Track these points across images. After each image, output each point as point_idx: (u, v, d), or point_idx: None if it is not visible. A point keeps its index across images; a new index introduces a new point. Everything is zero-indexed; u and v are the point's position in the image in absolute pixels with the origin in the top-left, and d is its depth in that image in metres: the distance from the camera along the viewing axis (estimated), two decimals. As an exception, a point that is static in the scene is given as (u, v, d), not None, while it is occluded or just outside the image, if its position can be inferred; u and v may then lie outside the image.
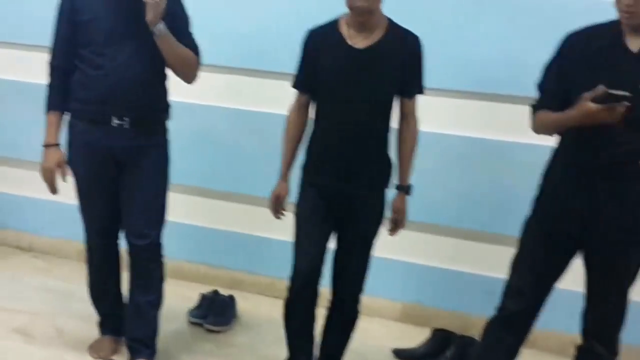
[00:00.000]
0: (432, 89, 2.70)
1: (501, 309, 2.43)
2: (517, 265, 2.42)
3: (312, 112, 2.58)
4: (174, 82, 2.69)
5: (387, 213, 2.61)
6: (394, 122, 2.56)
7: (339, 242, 2.62)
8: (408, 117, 2.55)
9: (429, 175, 3.17)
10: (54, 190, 2.65)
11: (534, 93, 2.39)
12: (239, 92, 3.49)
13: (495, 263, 3.02)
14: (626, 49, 2.16)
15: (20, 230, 3.98)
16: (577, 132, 2.19)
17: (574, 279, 2.41)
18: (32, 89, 3.64)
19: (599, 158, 2.18)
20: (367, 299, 2.75)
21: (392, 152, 2.59)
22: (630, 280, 2.30)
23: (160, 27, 2.45)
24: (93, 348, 2.90)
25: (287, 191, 2.65)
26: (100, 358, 2.86)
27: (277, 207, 2.65)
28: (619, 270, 2.28)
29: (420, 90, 2.54)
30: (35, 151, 3.66)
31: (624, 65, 2.16)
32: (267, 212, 2.69)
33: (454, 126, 3.26)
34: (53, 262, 3.86)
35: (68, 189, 2.70)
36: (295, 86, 2.60)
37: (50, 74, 2.63)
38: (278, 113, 2.84)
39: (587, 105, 2.06)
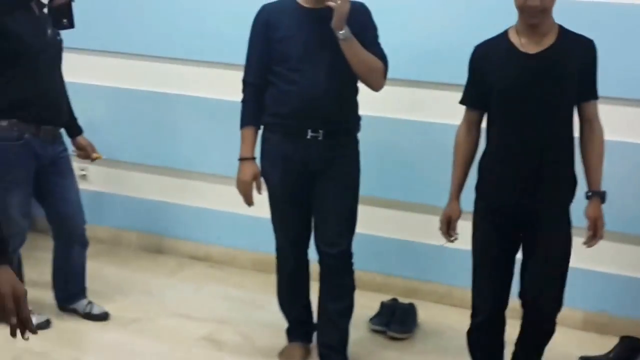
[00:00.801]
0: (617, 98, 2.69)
1: None
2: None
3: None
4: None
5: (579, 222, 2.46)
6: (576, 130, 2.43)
7: (528, 257, 2.45)
8: (592, 122, 2.39)
9: (616, 182, 3.00)
10: (250, 202, 2.72)
11: None
12: (420, 104, 3.46)
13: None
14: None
15: (197, 240, 4.13)
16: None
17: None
18: (210, 104, 3.84)
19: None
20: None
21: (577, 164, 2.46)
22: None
23: (345, 32, 2.47)
24: (284, 354, 2.94)
25: (458, 213, 2.54)
26: (293, 364, 2.89)
27: (448, 229, 2.56)
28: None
29: (595, 95, 2.39)
30: (212, 165, 3.89)
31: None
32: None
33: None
34: (230, 271, 3.97)
35: (240, 200, 2.75)
36: (463, 102, 2.51)
37: (244, 90, 2.72)
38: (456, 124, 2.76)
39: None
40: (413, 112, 3.46)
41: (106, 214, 4.22)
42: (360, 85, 2.68)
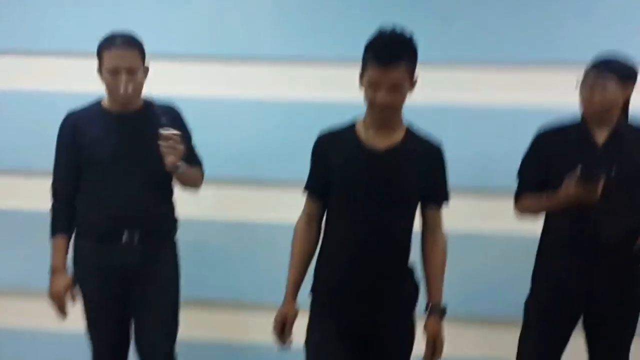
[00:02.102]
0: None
1: None
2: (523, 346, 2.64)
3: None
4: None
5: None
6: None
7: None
8: (435, 230, 2.30)
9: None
10: (64, 314, 2.61)
11: None
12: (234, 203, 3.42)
13: None
14: (593, 143, 2.46)
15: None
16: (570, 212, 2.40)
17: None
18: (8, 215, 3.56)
19: (598, 237, 2.42)
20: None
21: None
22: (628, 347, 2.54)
23: (182, 166, 2.49)
24: None
25: (295, 313, 2.32)
26: None
27: (283, 331, 2.32)
28: (619, 342, 2.54)
29: (439, 202, 2.31)
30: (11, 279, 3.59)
31: (592, 157, 2.43)
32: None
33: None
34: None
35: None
36: (307, 189, 2.33)
37: (53, 196, 2.63)
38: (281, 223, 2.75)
39: (568, 186, 2.33)
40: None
41: None
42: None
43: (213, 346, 3.51)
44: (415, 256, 2.35)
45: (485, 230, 3.21)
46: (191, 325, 3.43)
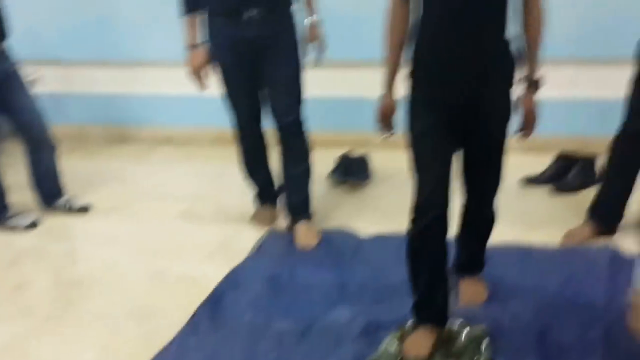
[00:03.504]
0: None
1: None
2: None
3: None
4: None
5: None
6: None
7: (467, 154, 2.26)
8: None
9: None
10: (203, 87, 2.93)
11: None
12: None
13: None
14: None
15: (158, 125, 4.33)
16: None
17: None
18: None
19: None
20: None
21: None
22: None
23: None
24: (255, 218, 3.25)
25: (394, 107, 2.24)
26: (264, 225, 3.20)
27: (385, 125, 2.27)
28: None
29: None
30: (159, 51, 4.00)
31: None
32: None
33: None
34: (194, 150, 4.23)
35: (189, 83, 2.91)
36: None
37: None
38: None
39: None
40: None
41: (66, 113, 4.37)
42: None
43: (338, 101, 3.84)
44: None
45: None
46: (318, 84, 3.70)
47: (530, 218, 3.11)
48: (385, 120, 2.26)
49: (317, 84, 3.55)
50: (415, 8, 2.13)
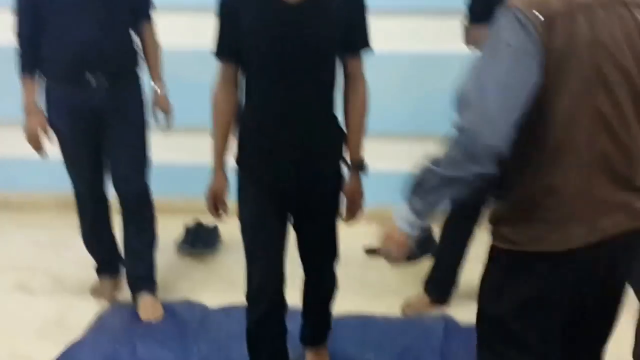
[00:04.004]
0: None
1: None
2: None
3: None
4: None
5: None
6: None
7: (300, 232, 2.28)
8: (355, 79, 2.13)
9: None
10: (42, 153, 2.80)
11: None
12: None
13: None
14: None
15: (-7, 189, 4.06)
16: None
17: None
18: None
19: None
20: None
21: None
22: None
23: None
24: (96, 290, 3.10)
25: (225, 185, 2.22)
26: (105, 298, 3.05)
27: (216, 205, 2.24)
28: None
29: (366, 44, 2.12)
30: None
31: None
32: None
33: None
34: (33, 215, 3.98)
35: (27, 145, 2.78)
36: (217, 54, 2.10)
37: (18, 41, 2.69)
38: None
39: None
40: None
41: None
42: None
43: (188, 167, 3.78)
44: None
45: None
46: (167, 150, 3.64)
47: (373, 288, 3.19)
48: (216, 200, 2.23)
49: (165, 149, 3.50)
50: (241, 89, 2.14)
